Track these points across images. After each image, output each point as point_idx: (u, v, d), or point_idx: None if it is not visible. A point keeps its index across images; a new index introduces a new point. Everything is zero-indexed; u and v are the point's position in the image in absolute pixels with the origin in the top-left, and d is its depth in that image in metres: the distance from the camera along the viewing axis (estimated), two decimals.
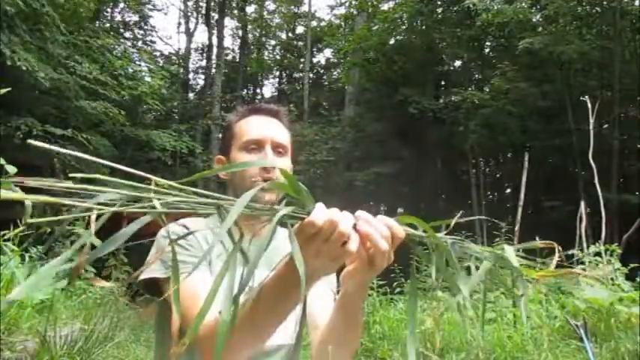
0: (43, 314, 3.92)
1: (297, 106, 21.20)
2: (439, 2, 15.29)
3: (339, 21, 22.84)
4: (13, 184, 0.53)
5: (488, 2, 12.26)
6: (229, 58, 23.35)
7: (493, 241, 6.14)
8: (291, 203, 0.69)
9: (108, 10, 18.02)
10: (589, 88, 11.64)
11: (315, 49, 23.53)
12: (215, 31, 19.86)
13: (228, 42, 23.35)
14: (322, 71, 24.95)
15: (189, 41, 22.29)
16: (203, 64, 22.76)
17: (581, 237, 5.89)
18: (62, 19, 10.34)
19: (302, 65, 23.59)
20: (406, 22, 15.76)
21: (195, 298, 0.92)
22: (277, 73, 26.03)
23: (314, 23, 23.41)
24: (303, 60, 23.23)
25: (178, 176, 15.72)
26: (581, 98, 7.48)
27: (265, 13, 24.39)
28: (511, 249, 0.72)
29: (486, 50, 15.91)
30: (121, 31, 17.91)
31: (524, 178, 6.96)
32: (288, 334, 1.10)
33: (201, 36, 44.41)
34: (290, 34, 25.27)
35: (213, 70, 19.47)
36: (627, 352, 3.62)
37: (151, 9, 19.60)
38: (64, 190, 0.57)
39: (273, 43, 25.71)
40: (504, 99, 12.76)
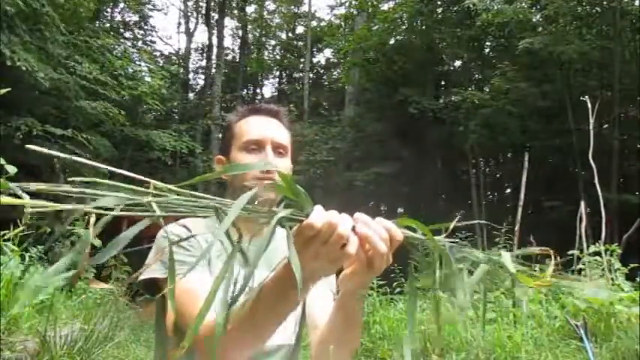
0: (43, 314, 3.92)
1: (297, 106, 21.20)
2: (439, 2, 15.29)
3: (339, 21, 22.85)
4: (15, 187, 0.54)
5: (488, 2, 12.26)
6: (229, 58, 23.36)
7: (493, 242, 6.15)
8: (289, 206, 0.69)
9: (108, 10, 18.03)
10: (589, 88, 11.64)
11: (315, 49, 23.53)
12: (215, 31, 19.87)
13: (228, 42, 23.40)
14: (322, 71, 24.95)
15: (189, 41, 22.32)
16: (203, 64, 22.80)
17: (581, 237, 5.89)
18: (62, 19, 10.34)
19: (302, 65, 23.59)
20: (406, 22, 15.76)
21: (194, 298, 0.92)
22: (277, 73, 26.05)
23: (314, 23, 23.42)
24: (303, 60, 23.24)
25: (178, 176, 15.80)
26: (581, 98, 7.47)
27: (265, 13, 24.41)
28: (508, 255, 0.72)
29: (486, 50, 15.91)
30: (121, 31, 17.91)
31: (524, 178, 6.96)
32: (288, 334, 1.11)
33: (201, 36, 44.46)
34: (290, 34, 25.28)
35: (213, 70, 19.47)
36: (627, 352, 3.62)
37: (151, 9, 19.65)
38: (64, 193, 0.57)
39: (273, 43, 25.73)
40: (504, 99, 12.76)
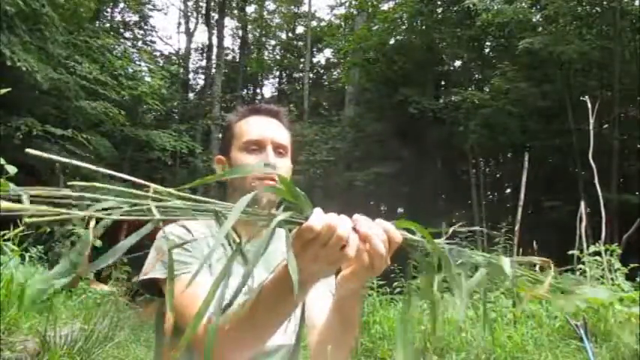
0: (43, 314, 3.92)
1: (297, 106, 21.21)
2: (439, 2, 15.29)
3: (339, 21, 22.85)
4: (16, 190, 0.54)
5: (488, 2, 12.26)
6: (229, 58, 23.36)
7: (493, 242, 6.15)
8: (288, 208, 0.69)
9: (108, 10, 18.04)
10: (589, 88, 11.63)
11: (315, 49, 23.53)
12: (215, 31, 19.87)
13: (228, 42, 23.40)
14: (322, 71, 24.95)
15: (189, 41, 22.32)
16: (203, 64, 22.81)
17: (581, 237, 5.88)
18: (62, 19, 10.35)
19: (302, 65, 23.59)
20: (406, 22, 15.76)
21: (194, 299, 0.92)
22: (277, 73, 26.05)
23: (314, 23, 23.42)
24: (303, 60, 23.24)
25: (178, 176, 15.81)
26: (581, 98, 7.46)
27: (265, 13, 24.41)
28: (507, 260, 0.72)
29: (486, 50, 15.91)
30: (121, 31, 17.92)
31: (524, 178, 6.96)
32: (287, 334, 1.11)
33: (201, 36, 44.41)
34: (290, 34, 25.28)
35: (213, 70, 19.48)
36: (627, 352, 3.62)
37: (151, 9, 19.65)
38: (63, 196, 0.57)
39: (273, 43, 25.73)
40: (504, 99, 12.76)
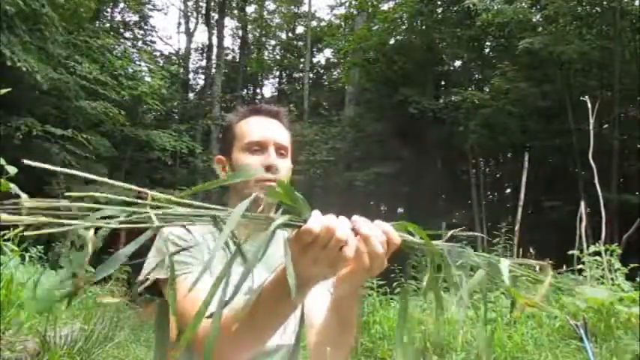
0: (43, 314, 3.91)
1: (297, 106, 21.20)
2: (439, 2, 15.29)
3: (339, 21, 22.84)
4: (13, 204, 0.53)
5: (488, 2, 12.26)
6: (229, 58, 23.35)
7: (493, 242, 6.15)
8: (287, 211, 0.69)
9: (108, 10, 18.04)
10: (589, 88, 11.63)
11: (315, 49, 23.53)
12: (215, 31, 19.87)
13: (228, 42, 23.39)
14: (322, 71, 24.94)
15: (189, 41, 22.31)
16: (203, 64, 22.81)
17: (581, 237, 5.88)
18: (62, 19, 10.35)
19: (302, 65, 23.59)
20: (406, 22, 15.76)
21: (195, 302, 0.92)
22: (277, 73, 26.04)
23: (314, 23, 23.42)
24: (303, 60, 23.24)
25: (178, 176, 15.77)
26: (581, 98, 7.45)
27: (265, 13, 24.40)
28: (506, 263, 0.72)
29: (486, 50, 15.91)
30: (121, 31, 17.92)
31: (524, 178, 6.96)
32: (287, 334, 1.11)
33: (201, 36, 44.39)
34: (290, 34, 25.27)
35: (213, 70, 19.47)
36: (627, 352, 3.62)
37: (151, 9, 19.65)
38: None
39: (273, 43, 25.72)
40: (504, 99, 12.76)
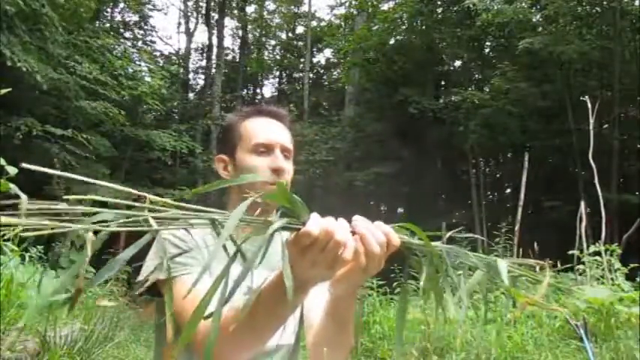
0: (43, 314, 3.91)
1: (297, 106, 21.19)
2: (439, 2, 15.29)
3: (339, 21, 22.84)
4: (11, 211, 0.53)
5: (488, 2, 12.26)
6: (229, 58, 23.34)
7: (493, 242, 6.15)
8: (286, 214, 0.69)
9: (108, 10, 18.02)
10: (589, 88, 11.63)
11: (315, 49, 23.52)
12: (215, 31, 19.86)
13: (228, 42, 23.38)
14: (322, 71, 24.94)
15: (189, 41, 22.30)
16: (203, 64, 22.79)
17: (581, 237, 5.88)
18: (62, 19, 10.33)
19: (302, 65, 23.58)
20: (406, 22, 15.75)
21: (195, 301, 0.92)
22: (277, 73, 26.03)
23: (314, 23, 23.41)
24: (303, 60, 23.23)
25: (178, 176, 15.74)
26: (581, 98, 7.46)
27: (265, 13, 24.39)
28: (505, 263, 0.72)
29: (486, 50, 15.91)
30: (121, 31, 17.91)
31: (524, 178, 6.96)
32: (287, 334, 1.11)
33: (201, 36, 44.36)
34: (290, 34, 25.26)
35: (213, 70, 19.47)
36: (627, 352, 3.62)
37: (151, 9, 19.63)
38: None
39: (273, 43, 25.71)
40: (504, 99, 12.76)
